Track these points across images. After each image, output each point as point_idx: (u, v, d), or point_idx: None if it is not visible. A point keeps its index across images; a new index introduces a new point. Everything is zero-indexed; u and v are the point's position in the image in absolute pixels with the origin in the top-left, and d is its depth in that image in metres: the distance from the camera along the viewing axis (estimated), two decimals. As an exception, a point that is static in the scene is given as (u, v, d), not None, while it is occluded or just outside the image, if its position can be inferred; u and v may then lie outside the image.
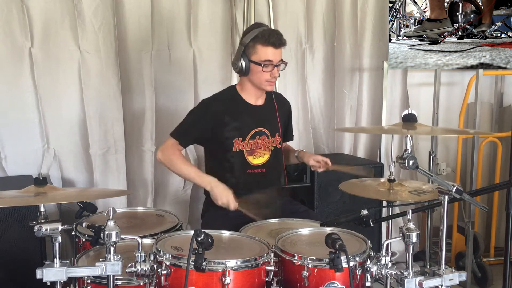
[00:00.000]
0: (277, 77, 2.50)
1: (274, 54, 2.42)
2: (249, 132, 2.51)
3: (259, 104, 2.58)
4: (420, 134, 3.27)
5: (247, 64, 2.45)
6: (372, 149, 3.76)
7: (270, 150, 2.57)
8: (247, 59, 2.45)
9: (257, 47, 2.42)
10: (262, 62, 2.42)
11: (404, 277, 1.71)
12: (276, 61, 2.44)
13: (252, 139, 2.52)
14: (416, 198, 2.31)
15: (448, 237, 3.65)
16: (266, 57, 2.41)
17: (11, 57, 2.88)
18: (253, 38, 2.42)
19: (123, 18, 3.06)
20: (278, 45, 2.42)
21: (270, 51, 2.41)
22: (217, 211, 2.51)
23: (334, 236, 1.71)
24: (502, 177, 3.79)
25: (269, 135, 2.56)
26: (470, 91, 3.55)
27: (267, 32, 2.43)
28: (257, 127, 2.53)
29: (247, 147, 2.51)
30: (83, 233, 2.16)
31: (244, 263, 1.74)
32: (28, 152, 2.98)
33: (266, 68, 2.42)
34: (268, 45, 2.40)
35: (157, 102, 3.19)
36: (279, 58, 2.45)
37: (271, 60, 2.42)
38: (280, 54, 2.46)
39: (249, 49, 2.44)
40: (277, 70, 2.46)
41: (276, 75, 2.47)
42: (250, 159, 2.52)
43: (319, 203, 3.20)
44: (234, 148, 2.50)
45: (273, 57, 2.42)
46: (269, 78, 2.45)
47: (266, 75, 2.44)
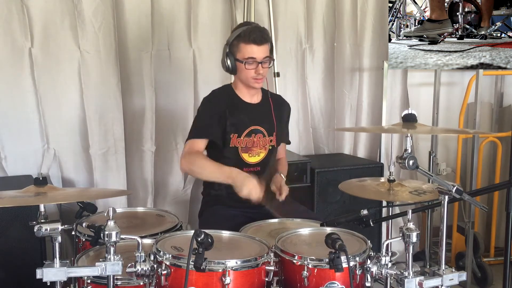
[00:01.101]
0: (264, 74, 2.45)
1: (257, 51, 2.40)
2: (245, 129, 2.50)
3: (255, 102, 2.57)
4: (420, 133, 3.27)
5: (233, 63, 2.45)
6: (372, 149, 3.76)
7: (267, 149, 2.56)
8: (232, 58, 2.44)
9: (240, 46, 2.41)
10: (245, 60, 2.41)
11: (404, 277, 1.70)
12: (260, 58, 2.41)
13: (248, 137, 2.51)
14: (416, 198, 2.31)
15: (448, 237, 3.65)
16: (249, 55, 2.40)
17: (11, 57, 2.89)
18: (236, 36, 2.42)
19: (123, 18, 3.06)
20: (260, 42, 2.40)
21: (252, 48, 2.39)
22: (214, 211, 2.51)
23: (334, 236, 1.70)
24: (502, 177, 3.79)
25: (265, 134, 2.55)
26: (470, 91, 3.55)
27: (249, 29, 2.41)
28: (253, 125, 2.52)
29: (242, 144, 2.50)
30: (83, 233, 2.15)
31: (244, 263, 1.74)
32: (28, 152, 2.98)
33: (249, 65, 2.41)
34: (250, 43, 2.39)
35: (157, 102, 3.19)
36: (263, 55, 2.42)
37: (254, 57, 2.40)
38: (265, 50, 2.42)
39: (233, 47, 2.44)
40: (262, 67, 2.42)
41: (261, 71, 2.43)
42: (245, 157, 2.51)
43: (319, 203, 3.20)
44: (230, 144, 2.49)
45: (256, 54, 2.40)
46: (254, 75, 2.43)
47: (251, 72, 2.43)
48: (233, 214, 2.48)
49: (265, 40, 2.42)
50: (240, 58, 2.43)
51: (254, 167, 2.53)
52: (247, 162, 2.52)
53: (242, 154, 2.51)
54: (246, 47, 2.40)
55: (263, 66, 2.43)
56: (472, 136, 3.51)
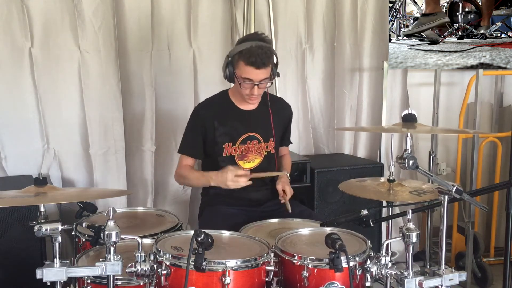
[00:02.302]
0: (259, 94, 2.44)
1: (255, 74, 2.35)
2: (239, 137, 2.51)
3: (251, 109, 2.56)
4: (420, 133, 3.27)
5: (232, 75, 2.43)
6: (372, 149, 3.75)
7: (262, 154, 2.56)
8: (232, 69, 2.42)
9: (239, 63, 2.38)
10: (241, 79, 2.38)
11: (404, 277, 1.71)
12: (256, 80, 2.37)
13: (243, 144, 2.51)
14: (416, 198, 2.30)
15: (448, 237, 3.65)
16: (246, 75, 2.37)
17: (11, 57, 2.88)
18: (238, 52, 2.38)
19: (123, 18, 3.06)
20: (259, 66, 2.34)
21: (250, 70, 2.35)
22: (214, 210, 2.51)
23: (334, 236, 1.71)
24: (502, 177, 3.79)
25: (261, 140, 2.54)
26: (470, 91, 3.55)
27: (250, 51, 2.34)
28: (247, 132, 2.52)
29: (238, 152, 2.51)
30: (83, 233, 2.16)
31: (244, 263, 1.75)
32: (28, 152, 2.98)
33: (245, 85, 2.39)
34: (249, 65, 2.34)
35: (157, 102, 3.19)
36: (261, 77, 2.37)
37: (251, 79, 2.37)
38: (264, 73, 2.37)
39: (234, 61, 2.41)
40: (258, 88, 2.40)
41: (256, 93, 2.41)
42: (241, 164, 2.52)
43: (319, 203, 3.20)
44: (224, 153, 2.50)
45: (254, 77, 2.36)
46: (249, 94, 2.42)
47: (246, 91, 2.42)
48: (233, 212, 2.49)
49: (265, 64, 2.36)
50: (237, 74, 2.41)
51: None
52: (243, 168, 2.51)
53: (239, 162, 2.52)
54: (245, 67, 2.36)
55: (260, 87, 2.41)
56: (472, 136, 3.50)
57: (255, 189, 2.55)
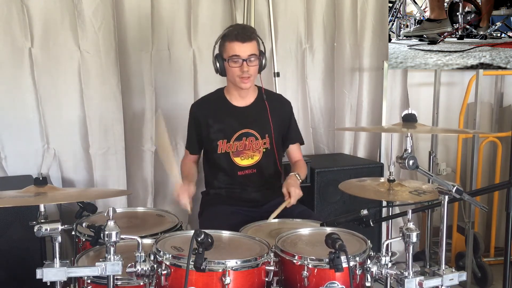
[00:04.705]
0: (250, 72, 2.42)
1: (241, 48, 2.38)
2: (234, 134, 2.51)
3: (246, 105, 2.56)
4: (420, 133, 3.27)
5: (221, 64, 2.46)
6: (372, 149, 3.76)
7: (261, 151, 2.55)
8: (220, 58, 2.45)
9: (225, 45, 2.42)
10: (229, 58, 2.40)
11: (404, 277, 1.71)
12: (244, 56, 2.38)
13: (238, 141, 2.51)
14: (416, 198, 2.30)
15: (448, 237, 3.65)
16: (232, 52, 2.39)
17: (11, 57, 2.89)
18: (222, 36, 2.43)
19: (123, 18, 3.06)
20: (243, 39, 2.37)
21: (235, 46, 2.38)
22: (214, 210, 2.51)
23: (334, 236, 1.71)
24: (502, 177, 3.78)
25: (258, 137, 2.54)
26: (470, 91, 3.55)
27: (233, 28, 2.43)
28: (242, 128, 2.52)
29: (233, 148, 2.51)
30: (83, 233, 2.16)
31: (244, 263, 1.74)
32: (28, 152, 2.98)
33: (233, 63, 2.40)
34: (233, 40, 2.38)
35: (157, 102, 3.19)
36: (248, 52, 2.39)
37: (238, 55, 2.38)
38: (250, 48, 2.39)
39: (220, 48, 2.45)
40: (247, 64, 2.39)
41: (246, 69, 2.40)
42: (238, 160, 2.52)
43: (319, 203, 3.20)
44: (219, 150, 2.51)
45: (240, 52, 2.38)
46: (240, 74, 2.41)
47: (236, 71, 2.41)
48: (233, 212, 2.49)
49: (249, 37, 2.39)
50: (225, 57, 2.42)
51: (249, 169, 2.54)
52: (240, 165, 2.53)
53: (234, 158, 2.52)
54: (231, 45, 2.39)
55: (249, 64, 2.40)
56: (472, 136, 3.50)
57: (255, 189, 2.56)
